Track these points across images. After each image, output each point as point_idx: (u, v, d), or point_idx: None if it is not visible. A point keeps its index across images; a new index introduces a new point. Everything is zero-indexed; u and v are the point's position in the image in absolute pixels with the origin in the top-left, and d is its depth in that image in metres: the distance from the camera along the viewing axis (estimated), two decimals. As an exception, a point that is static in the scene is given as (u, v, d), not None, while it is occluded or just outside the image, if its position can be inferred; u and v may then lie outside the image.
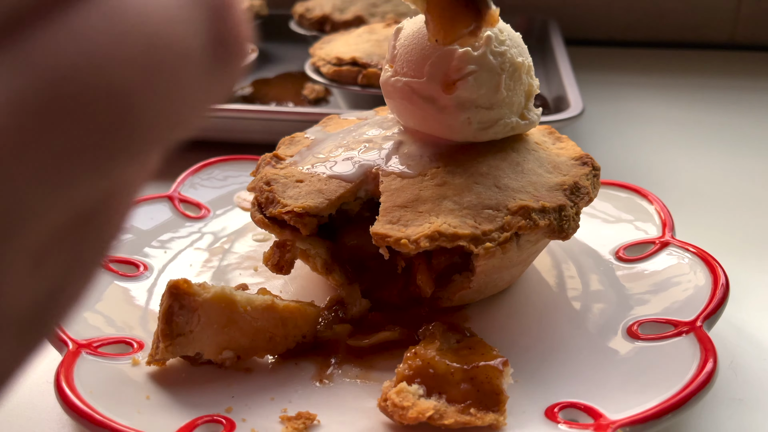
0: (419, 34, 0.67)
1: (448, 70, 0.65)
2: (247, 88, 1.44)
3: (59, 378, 0.55)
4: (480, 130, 0.67)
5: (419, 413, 0.53)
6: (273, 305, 0.62)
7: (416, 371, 0.57)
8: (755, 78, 1.58)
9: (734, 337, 0.69)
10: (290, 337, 0.63)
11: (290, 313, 0.62)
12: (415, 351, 0.58)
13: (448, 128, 0.67)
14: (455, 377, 0.56)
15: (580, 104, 1.11)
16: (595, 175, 0.70)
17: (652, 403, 0.52)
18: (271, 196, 0.68)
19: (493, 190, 0.64)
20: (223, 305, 0.59)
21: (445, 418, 0.53)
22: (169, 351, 0.59)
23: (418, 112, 0.68)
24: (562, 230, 0.63)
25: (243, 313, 0.60)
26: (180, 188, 0.88)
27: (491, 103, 0.66)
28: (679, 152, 1.18)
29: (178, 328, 0.58)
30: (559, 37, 1.54)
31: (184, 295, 0.58)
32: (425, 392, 0.56)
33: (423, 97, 0.66)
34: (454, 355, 0.59)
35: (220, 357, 0.61)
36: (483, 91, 0.65)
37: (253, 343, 0.62)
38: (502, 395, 0.55)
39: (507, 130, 0.68)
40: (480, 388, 0.56)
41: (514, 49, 0.67)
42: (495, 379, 0.56)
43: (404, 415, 0.53)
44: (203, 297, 0.59)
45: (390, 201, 0.64)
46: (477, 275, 0.63)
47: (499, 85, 0.65)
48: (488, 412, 0.54)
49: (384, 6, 1.54)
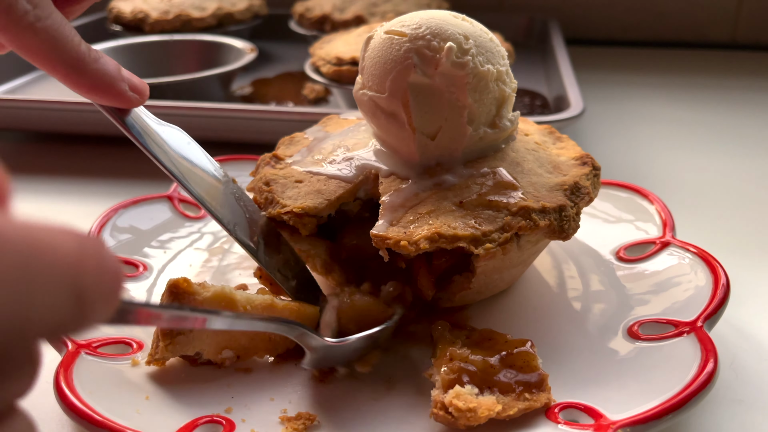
0: (383, 46, 0.65)
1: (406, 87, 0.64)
2: (247, 88, 1.44)
3: (59, 378, 0.55)
4: (442, 149, 0.65)
5: (488, 410, 0.53)
6: (273, 304, 0.62)
7: (459, 372, 0.57)
8: (755, 78, 1.58)
9: (735, 338, 0.69)
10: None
11: (290, 313, 0.62)
12: (450, 354, 0.58)
13: (409, 147, 0.66)
14: (496, 369, 0.57)
15: (581, 104, 1.11)
16: (595, 175, 0.69)
17: (652, 404, 0.52)
18: (270, 196, 0.68)
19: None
20: (223, 304, 0.59)
21: (509, 410, 0.54)
22: (169, 350, 0.59)
23: (384, 127, 0.67)
24: (562, 230, 0.63)
25: (242, 312, 0.60)
26: (179, 188, 0.88)
27: (438, 125, 0.64)
28: (680, 152, 1.17)
29: (177, 327, 0.58)
30: (559, 37, 1.54)
31: (183, 294, 0.58)
32: (479, 390, 0.56)
33: (386, 113, 0.65)
34: (481, 349, 0.60)
35: (219, 356, 0.61)
36: (426, 116, 0.64)
37: (253, 343, 0.62)
38: (542, 374, 0.57)
39: (475, 142, 0.66)
40: (521, 373, 0.57)
41: (480, 57, 0.64)
42: (532, 361, 0.58)
43: (474, 417, 0.53)
44: (203, 296, 0.59)
45: (389, 202, 0.64)
46: (477, 276, 0.63)
47: (443, 108, 0.64)
48: (539, 392, 0.56)
49: (384, 6, 1.54)
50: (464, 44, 0.63)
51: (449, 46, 0.62)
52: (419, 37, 0.63)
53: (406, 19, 0.66)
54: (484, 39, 0.66)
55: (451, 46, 0.62)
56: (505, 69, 0.67)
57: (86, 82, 0.56)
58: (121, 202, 0.83)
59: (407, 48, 0.63)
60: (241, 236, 0.64)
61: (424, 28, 0.64)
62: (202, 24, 1.56)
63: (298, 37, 1.62)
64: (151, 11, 1.57)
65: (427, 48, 0.63)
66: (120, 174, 1.08)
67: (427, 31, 0.64)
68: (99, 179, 1.07)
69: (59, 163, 1.12)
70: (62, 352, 0.59)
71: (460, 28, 0.65)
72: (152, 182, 0.99)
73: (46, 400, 0.59)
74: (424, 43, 0.63)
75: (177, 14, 1.56)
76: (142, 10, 1.57)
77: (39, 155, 1.17)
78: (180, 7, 1.57)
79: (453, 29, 0.64)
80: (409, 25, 0.65)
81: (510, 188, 0.64)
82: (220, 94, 1.31)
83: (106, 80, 0.57)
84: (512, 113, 0.69)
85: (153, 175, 1.00)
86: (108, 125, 0.88)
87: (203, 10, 1.58)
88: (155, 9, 1.57)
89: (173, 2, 1.59)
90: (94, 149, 1.16)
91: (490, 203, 0.62)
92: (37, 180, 1.07)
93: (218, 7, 1.59)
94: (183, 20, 1.55)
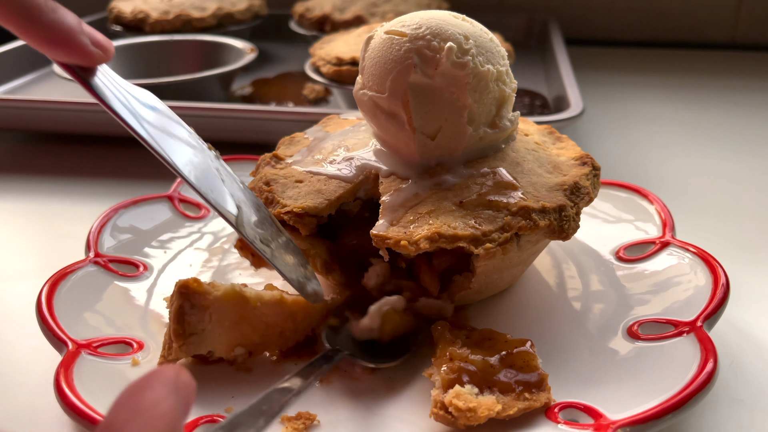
0: (383, 46, 0.65)
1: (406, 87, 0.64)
2: (247, 88, 1.45)
3: (59, 378, 0.55)
4: (442, 149, 0.65)
5: (488, 410, 0.53)
6: (282, 300, 0.62)
7: (459, 372, 0.57)
8: (755, 78, 1.58)
9: (734, 337, 0.69)
10: (300, 330, 0.64)
11: (299, 308, 0.63)
12: (450, 354, 0.58)
13: (409, 147, 0.66)
14: (496, 369, 0.57)
15: (580, 104, 1.11)
16: (595, 175, 0.69)
17: (652, 404, 0.52)
18: (270, 196, 0.68)
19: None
20: (234, 302, 0.60)
21: (509, 409, 0.54)
22: (183, 350, 0.59)
23: (384, 127, 0.67)
24: (562, 230, 0.63)
25: (254, 309, 0.60)
26: (180, 188, 0.88)
27: (438, 125, 0.64)
28: (680, 152, 1.17)
29: (190, 327, 0.58)
30: (559, 37, 1.54)
31: (194, 294, 0.58)
32: (478, 390, 0.56)
33: (386, 113, 0.65)
34: (482, 349, 0.60)
35: (232, 354, 0.61)
36: (426, 116, 0.64)
37: (265, 339, 0.62)
38: (542, 374, 0.57)
39: (475, 142, 0.66)
40: (521, 373, 0.57)
41: (480, 57, 0.64)
42: (531, 361, 0.58)
43: (473, 416, 0.53)
44: (214, 295, 0.59)
45: (390, 202, 0.64)
46: (477, 276, 0.63)
47: (443, 108, 0.64)
48: (538, 392, 0.56)
49: (384, 6, 1.54)
50: (464, 44, 0.63)
51: (449, 46, 0.62)
52: (419, 37, 0.63)
53: (407, 19, 0.66)
54: (484, 39, 0.66)
55: (452, 46, 0.62)
56: (505, 69, 0.67)
57: (42, 34, 0.52)
58: (122, 202, 0.83)
59: (407, 48, 0.63)
60: (219, 204, 0.60)
61: (425, 28, 0.64)
62: (203, 24, 1.56)
63: (298, 37, 1.62)
64: (151, 11, 1.57)
65: (427, 48, 0.63)
66: (120, 174, 1.08)
67: (427, 31, 0.64)
68: (99, 179, 1.07)
69: (59, 163, 1.12)
70: (62, 352, 0.59)
71: (460, 28, 0.65)
72: (152, 182, 0.99)
73: (46, 400, 0.59)
74: (425, 43, 0.63)
75: (177, 14, 1.56)
76: (142, 10, 1.57)
77: (39, 155, 1.17)
78: (180, 8, 1.57)
79: (453, 29, 0.64)
80: (409, 25, 0.65)
81: (510, 188, 0.64)
82: (220, 94, 1.31)
83: (64, 32, 0.53)
84: (512, 113, 0.69)
85: (153, 175, 1.00)
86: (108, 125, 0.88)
87: (203, 11, 1.58)
88: (155, 9, 1.57)
89: (173, 2, 1.59)
90: (94, 149, 1.16)
91: (490, 203, 0.63)
92: (37, 180, 1.07)
93: (218, 7, 1.59)
94: (183, 20, 1.55)
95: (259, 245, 0.60)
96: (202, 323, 0.59)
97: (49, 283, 0.66)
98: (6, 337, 0.70)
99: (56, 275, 0.68)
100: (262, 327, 0.61)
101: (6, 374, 0.65)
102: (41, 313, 0.62)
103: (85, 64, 0.56)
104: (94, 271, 0.71)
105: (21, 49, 1.45)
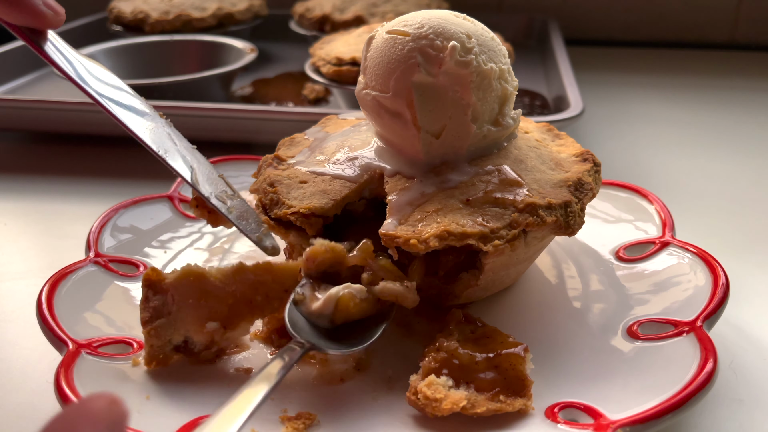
0: (386, 46, 0.65)
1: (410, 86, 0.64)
2: (247, 88, 1.45)
3: (59, 378, 0.55)
4: (447, 147, 0.66)
5: (453, 404, 0.54)
6: (242, 267, 0.61)
7: (442, 363, 0.57)
8: (755, 78, 1.58)
9: (734, 337, 0.69)
10: (272, 295, 0.62)
11: (263, 272, 0.61)
12: (438, 344, 0.59)
13: (414, 146, 0.66)
14: (480, 366, 0.57)
15: (580, 104, 1.11)
16: (596, 171, 0.70)
17: (652, 403, 0.52)
18: (275, 197, 0.68)
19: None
20: (191, 279, 0.60)
21: (477, 407, 0.54)
22: (153, 335, 0.60)
23: (388, 126, 0.67)
24: (568, 226, 0.63)
25: (213, 281, 0.60)
26: (180, 188, 0.88)
27: (442, 124, 0.64)
28: (680, 152, 1.18)
29: (156, 313, 0.60)
30: (559, 37, 1.54)
31: (155, 283, 0.60)
32: (453, 383, 0.56)
33: (390, 112, 0.65)
34: (475, 345, 0.60)
35: (205, 330, 0.61)
36: (430, 115, 0.64)
37: (234, 309, 0.61)
38: (526, 380, 0.57)
39: (479, 140, 0.66)
40: (505, 376, 0.57)
41: (482, 55, 0.64)
42: (519, 365, 0.58)
43: (437, 407, 0.54)
44: (171, 277, 0.60)
45: (396, 201, 0.64)
46: (485, 273, 0.63)
47: (447, 106, 0.64)
48: (516, 397, 0.56)
49: (384, 6, 1.54)
50: (467, 43, 0.64)
51: (453, 45, 0.63)
52: (422, 36, 0.64)
53: (408, 18, 0.66)
54: (486, 38, 0.66)
55: (455, 44, 0.63)
56: (507, 67, 0.67)
57: None
58: (122, 202, 0.83)
59: (411, 47, 0.63)
60: (175, 163, 0.64)
61: (427, 28, 0.64)
62: (203, 24, 1.56)
63: (298, 37, 1.62)
64: (151, 11, 1.57)
65: (430, 47, 0.63)
66: (120, 174, 1.08)
67: (430, 30, 0.64)
68: (99, 179, 1.07)
69: (59, 163, 1.12)
70: (63, 351, 0.59)
71: (462, 27, 0.65)
72: (152, 182, 0.99)
73: (46, 400, 0.59)
74: (428, 42, 0.63)
75: (177, 14, 1.56)
76: (142, 10, 1.57)
77: (39, 155, 1.17)
78: (180, 8, 1.58)
79: (456, 28, 0.64)
80: (411, 24, 0.65)
81: (515, 185, 0.64)
82: (220, 94, 1.31)
83: None
84: (514, 111, 0.69)
85: (153, 175, 1.00)
86: (108, 125, 0.88)
87: (203, 11, 1.58)
88: (155, 9, 1.57)
89: (173, 2, 1.59)
90: (94, 149, 1.16)
91: (497, 200, 0.63)
92: (37, 180, 1.07)
93: (218, 7, 1.59)
94: (183, 20, 1.55)
95: (215, 201, 0.65)
96: (167, 306, 0.60)
97: (49, 283, 0.66)
98: (6, 337, 0.70)
99: (56, 275, 0.68)
100: (227, 297, 0.61)
101: (6, 374, 0.65)
102: (41, 313, 0.62)
103: (36, 25, 0.54)
104: (95, 271, 0.71)
105: (21, 49, 1.46)
